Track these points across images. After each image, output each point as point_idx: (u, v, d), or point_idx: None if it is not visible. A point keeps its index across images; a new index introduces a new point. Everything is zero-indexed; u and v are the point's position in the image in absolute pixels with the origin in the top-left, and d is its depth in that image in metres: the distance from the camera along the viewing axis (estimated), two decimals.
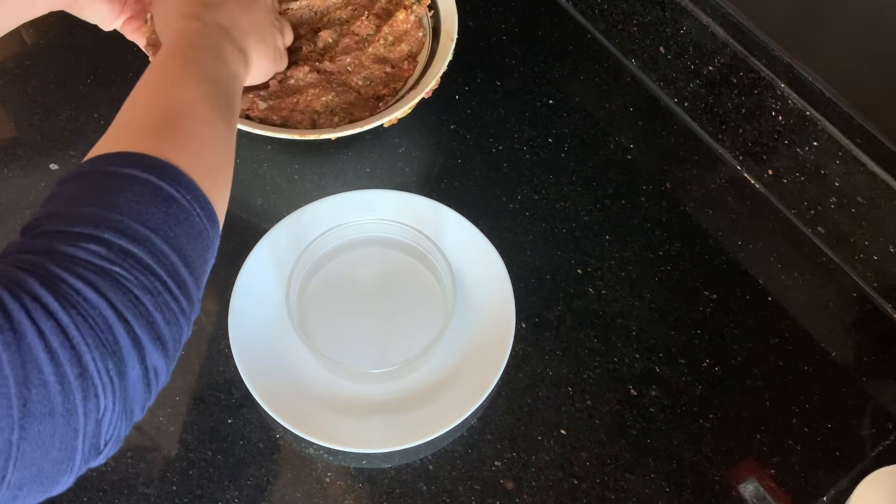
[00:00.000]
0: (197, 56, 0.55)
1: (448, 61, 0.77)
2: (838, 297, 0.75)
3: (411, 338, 0.69)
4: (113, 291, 0.40)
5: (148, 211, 0.43)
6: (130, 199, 0.43)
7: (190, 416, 0.66)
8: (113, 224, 0.41)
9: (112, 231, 0.41)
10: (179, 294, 0.43)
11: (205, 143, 0.50)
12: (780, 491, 0.65)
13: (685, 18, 0.78)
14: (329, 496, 0.64)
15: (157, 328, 0.41)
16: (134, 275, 0.41)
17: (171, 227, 0.43)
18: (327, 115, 0.76)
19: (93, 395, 0.38)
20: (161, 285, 0.42)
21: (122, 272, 0.40)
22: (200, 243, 0.46)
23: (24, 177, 0.77)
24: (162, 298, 0.42)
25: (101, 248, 0.40)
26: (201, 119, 0.51)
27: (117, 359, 0.39)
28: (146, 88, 0.52)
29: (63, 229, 0.41)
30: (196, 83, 0.53)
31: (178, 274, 0.43)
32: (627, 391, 0.69)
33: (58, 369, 0.37)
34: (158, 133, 0.47)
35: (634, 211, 0.78)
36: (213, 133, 0.51)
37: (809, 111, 0.72)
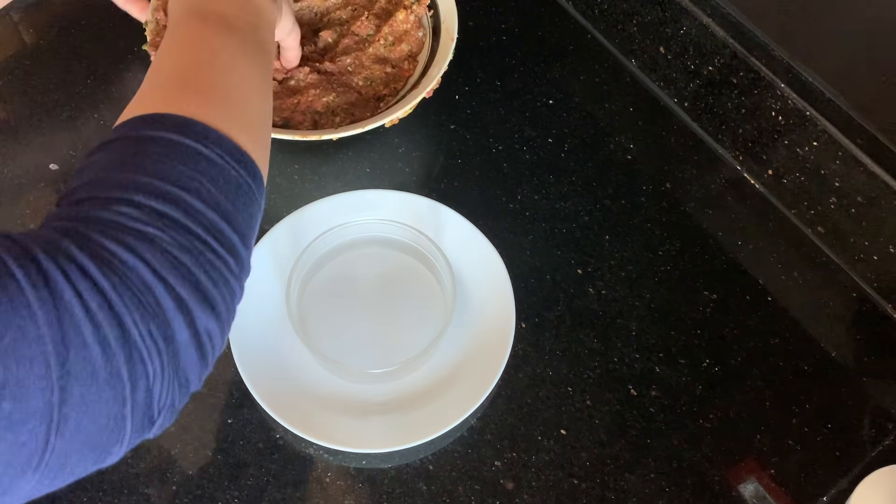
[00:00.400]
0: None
1: (449, 61, 0.77)
2: (838, 297, 0.75)
3: (411, 338, 0.69)
4: (150, 252, 0.38)
5: (176, 170, 0.41)
6: (156, 160, 0.41)
7: (190, 416, 0.66)
8: (141, 186, 0.40)
9: (142, 193, 0.39)
10: (223, 251, 0.41)
11: (234, 93, 0.48)
12: (780, 491, 0.65)
13: (685, 18, 0.78)
14: (329, 496, 0.64)
15: (202, 288, 0.39)
16: (170, 234, 0.39)
17: (202, 183, 0.41)
18: (328, 116, 0.76)
19: (138, 360, 0.36)
20: (201, 243, 0.40)
21: (157, 232, 0.38)
22: (241, 197, 0.43)
23: (25, 176, 0.77)
24: (204, 257, 0.40)
25: (133, 210, 0.39)
26: (228, 67, 0.49)
27: (160, 321, 0.37)
28: (170, 42, 0.50)
29: (94, 195, 0.40)
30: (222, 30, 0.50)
31: (219, 230, 0.41)
32: (627, 391, 0.69)
33: (98, 331, 0.35)
34: (183, 89, 0.46)
35: (634, 211, 0.78)
36: (242, 81, 0.49)
37: (809, 111, 0.72)
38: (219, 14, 0.52)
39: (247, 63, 0.51)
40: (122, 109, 0.72)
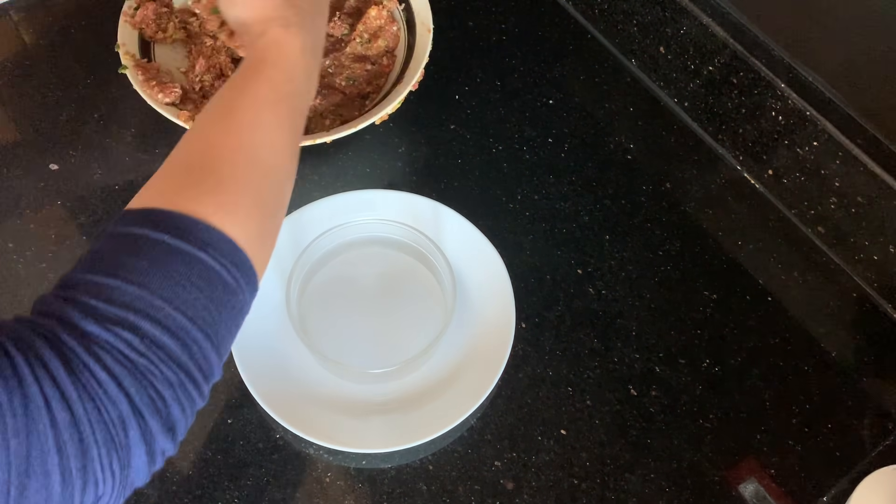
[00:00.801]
0: (274, 73, 0.51)
1: (429, 52, 0.77)
2: (838, 297, 0.75)
3: (411, 338, 0.69)
4: (135, 386, 0.39)
5: (191, 296, 0.41)
6: (176, 279, 0.41)
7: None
8: (153, 312, 0.40)
9: (149, 320, 0.40)
10: (202, 379, 0.42)
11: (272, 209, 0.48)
12: (780, 491, 0.65)
13: (685, 18, 0.78)
14: (329, 496, 0.64)
15: (171, 419, 0.41)
16: (160, 369, 0.40)
17: (210, 312, 0.42)
18: (318, 119, 0.76)
19: (91, 486, 0.38)
20: (186, 377, 0.41)
21: (149, 365, 0.40)
22: (238, 319, 0.45)
23: (24, 177, 0.77)
24: (184, 390, 0.41)
25: (134, 338, 0.40)
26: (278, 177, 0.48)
27: (124, 452, 0.39)
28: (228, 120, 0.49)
29: (98, 306, 0.40)
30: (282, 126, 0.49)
31: (208, 361, 0.42)
32: (627, 391, 0.69)
33: (62, 461, 0.37)
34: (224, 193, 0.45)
35: (634, 211, 0.78)
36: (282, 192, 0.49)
37: (809, 111, 0.72)
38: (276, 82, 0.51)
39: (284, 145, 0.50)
40: (121, 109, 0.73)
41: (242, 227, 0.45)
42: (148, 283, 0.41)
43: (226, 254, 0.43)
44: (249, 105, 0.49)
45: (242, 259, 0.44)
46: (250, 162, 0.47)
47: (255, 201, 0.46)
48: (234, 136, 0.48)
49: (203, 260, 0.42)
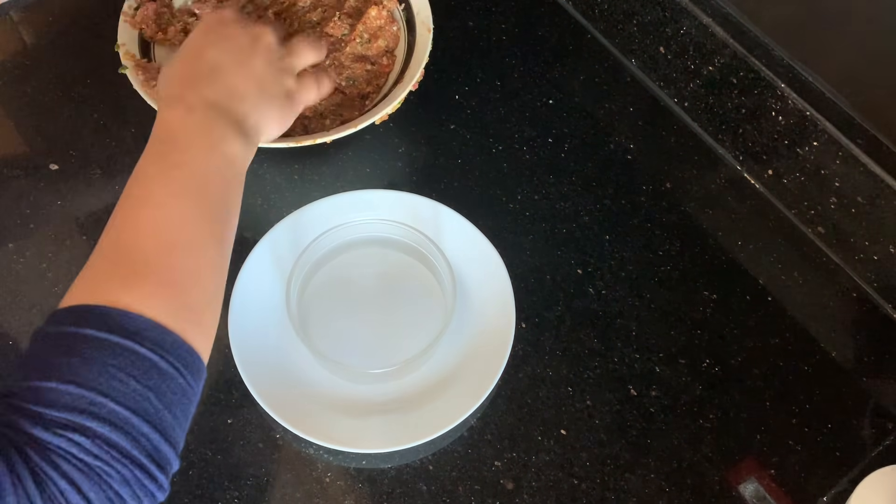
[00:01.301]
0: (180, 157, 0.51)
1: (429, 52, 0.77)
2: (838, 297, 0.75)
3: (411, 338, 0.69)
4: (94, 491, 0.40)
5: (129, 388, 0.42)
6: (111, 372, 0.42)
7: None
8: (94, 409, 0.41)
9: (94, 419, 0.41)
10: (159, 473, 0.43)
11: (193, 280, 0.48)
12: (780, 491, 0.65)
13: (685, 18, 0.78)
14: (329, 496, 0.64)
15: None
16: (115, 468, 0.41)
17: (151, 402, 0.43)
18: (318, 120, 0.76)
19: None
20: (141, 472, 0.42)
21: (104, 466, 0.41)
22: (184, 404, 0.45)
23: (24, 177, 0.78)
24: (140, 486, 0.42)
25: (84, 440, 0.40)
26: (190, 248, 0.49)
27: None
28: (126, 211, 0.49)
29: (42, 412, 0.40)
30: (181, 199, 0.50)
31: (160, 452, 0.43)
32: (627, 391, 0.69)
33: None
34: (140, 278, 0.46)
35: (634, 211, 0.78)
36: (202, 261, 0.49)
37: (809, 111, 0.72)
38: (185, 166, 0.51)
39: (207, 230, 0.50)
40: (121, 110, 0.72)
41: (166, 307, 0.45)
42: (82, 380, 0.41)
43: (155, 339, 0.44)
44: (139, 187, 0.50)
45: (174, 341, 0.44)
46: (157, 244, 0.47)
47: (171, 280, 0.46)
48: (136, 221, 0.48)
49: (132, 349, 0.43)
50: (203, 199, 0.51)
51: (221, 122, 0.54)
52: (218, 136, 0.54)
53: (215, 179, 0.52)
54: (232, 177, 0.54)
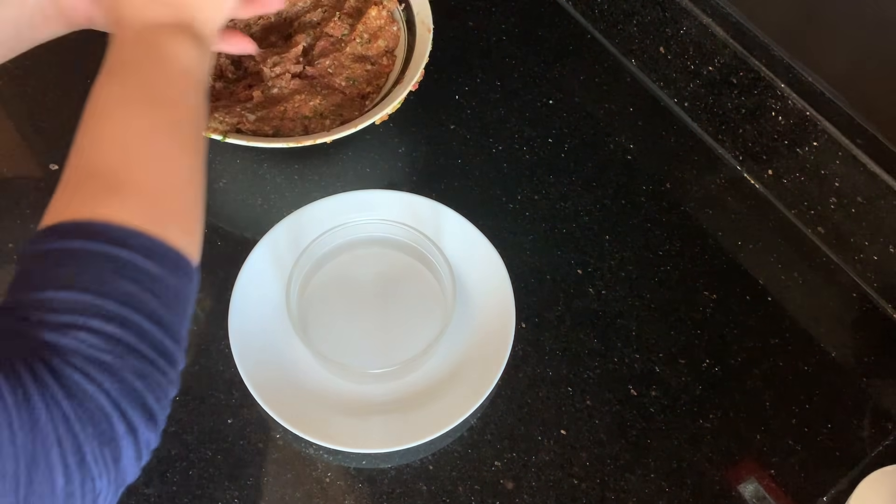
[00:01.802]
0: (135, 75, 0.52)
1: (429, 52, 0.77)
2: (838, 297, 0.75)
3: (411, 338, 0.69)
4: (109, 381, 0.41)
5: (126, 289, 0.43)
6: (107, 278, 0.43)
7: (190, 416, 0.66)
8: (99, 311, 0.42)
9: (100, 318, 0.42)
10: (167, 367, 0.44)
11: (169, 186, 0.49)
12: (780, 491, 0.65)
13: (685, 18, 0.78)
14: (329, 496, 0.64)
15: (149, 409, 0.43)
16: (126, 361, 0.42)
17: (148, 301, 0.44)
18: (318, 120, 0.76)
19: (89, 480, 0.40)
20: (150, 365, 0.43)
21: (115, 360, 0.42)
22: (180, 304, 0.46)
23: (25, 177, 0.78)
24: (153, 378, 0.43)
25: (92, 338, 0.41)
26: (160, 157, 0.50)
27: (114, 445, 0.41)
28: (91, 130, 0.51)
29: (51, 319, 0.41)
30: (142, 108, 0.51)
31: (164, 347, 0.44)
32: (627, 391, 0.69)
33: (63, 456, 0.39)
34: (116, 191, 0.47)
35: (634, 211, 0.78)
36: (175, 168, 0.50)
37: (809, 111, 0.72)
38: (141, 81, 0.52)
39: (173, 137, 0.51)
40: None
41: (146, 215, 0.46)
42: (80, 285, 0.42)
43: (141, 245, 0.45)
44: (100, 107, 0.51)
45: (160, 245, 0.46)
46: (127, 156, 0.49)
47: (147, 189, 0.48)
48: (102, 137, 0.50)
49: (121, 255, 0.44)
50: (165, 107, 0.52)
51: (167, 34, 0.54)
52: (168, 44, 0.54)
53: (174, 86, 0.53)
54: (192, 80, 0.55)
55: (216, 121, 0.72)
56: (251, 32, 0.83)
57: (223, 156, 0.79)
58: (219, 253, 0.74)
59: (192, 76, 0.55)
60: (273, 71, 0.77)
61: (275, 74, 0.77)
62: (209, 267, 0.73)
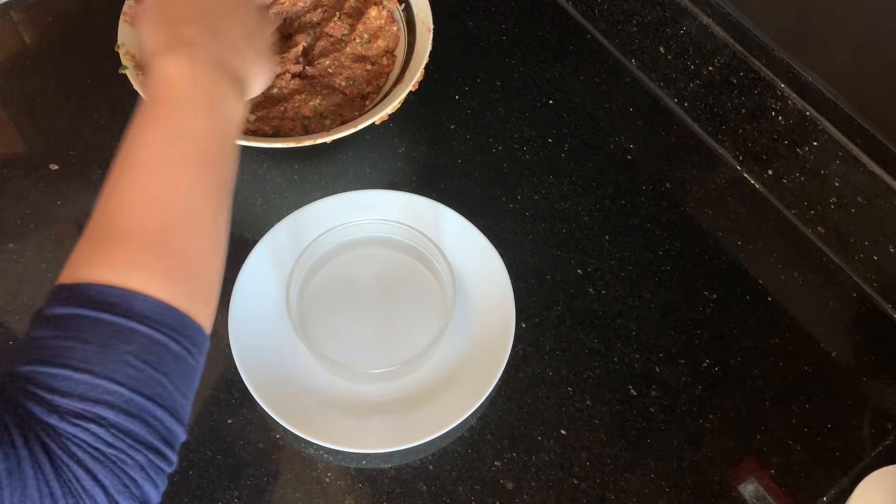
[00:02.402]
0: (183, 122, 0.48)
1: (429, 52, 0.77)
2: (838, 297, 0.75)
3: (411, 338, 0.69)
4: (109, 478, 0.41)
5: (144, 374, 0.42)
6: (126, 360, 0.42)
7: (190, 416, 0.66)
8: (110, 398, 0.41)
9: (110, 408, 0.41)
10: (169, 451, 0.43)
11: (200, 256, 0.47)
12: (780, 491, 0.65)
13: (685, 18, 0.78)
14: (329, 496, 0.64)
15: (144, 497, 0.42)
16: (130, 455, 0.41)
17: (164, 386, 0.43)
18: (318, 119, 0.76)
19: None
20: (155, 455, 0.42)
21: (119, 454, 0.41)
22: (192, 382, 0.45)
23: (24, 177, 0.78)
24: (154, 467, 0.42)
25: (100, 429, 0.40)
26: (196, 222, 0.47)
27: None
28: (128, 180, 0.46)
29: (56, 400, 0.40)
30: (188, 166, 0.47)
31: (172, 433, 0.43)
32: (627, 391, 0.69)
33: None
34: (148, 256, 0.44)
35: (634, 211, 0.78)
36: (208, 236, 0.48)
37: (809, 111, 0.72)
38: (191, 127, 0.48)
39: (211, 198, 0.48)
40: (121, 111, 0.72)
41: (174, 287, 0.44)
42: (98, 369, 0.41)
43: (164, 320, 0.43)
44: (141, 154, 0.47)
45: (180, 319, 0.44)
46: (164, 218, 0.45)
47: (180, 257, 0.45)
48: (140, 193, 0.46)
49: (146, 333, 0.42)
50: (207, 168, 0.48)
51: (222, 76, 0.50)
52: (219, 94, 0.50)
53: (218, 145, 0.50)
54: (231, 140, 0.51)
55: None
56: None
57: None
58: None
59: (234, 133, 0.52)
60: (273, 71, 0.77)
61: (275, 74, 0.77)
62: None
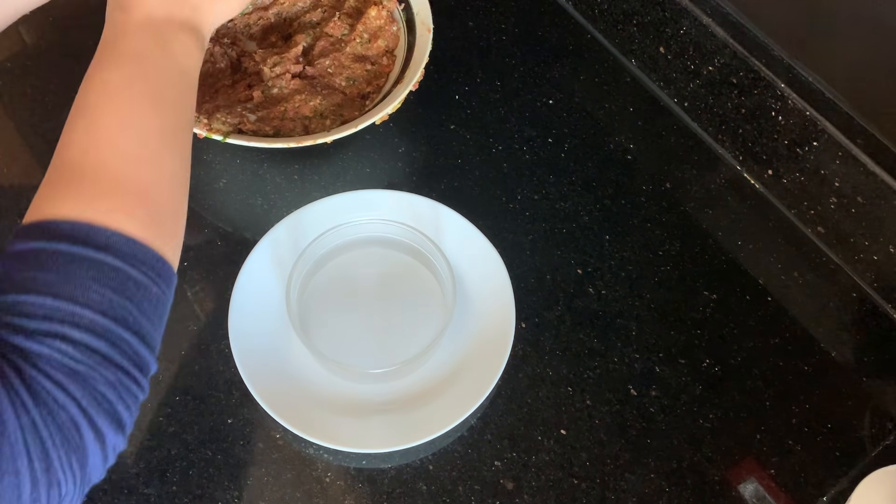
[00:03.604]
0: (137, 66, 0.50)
1: (429, 52, 0.77)
2: (838, 297, 0.75)
3: (411, 338, 0.69)
4: (80, 391, 0.41)
5: (106, 298, 0.43)
6: (88, 285, 0.42)
7: (190, 416, 0.66)
8: (75, 319, 0.42)
9: (75, 327, 0.42)
10: (139, 374, 0.44)
11: (158, 191, 0.48)
12: (780, 491, 0.65)
13: (685, 18, 0.78)
14: (329, 496, 0.64)
15: (118, 416, 0.43)
16: (99, 371, 0.42)
17: (129, 310, 0.44)
18: (318, 120, 0.76)
19: (55, 485, 0.40)
20: (124, 375, 0.43)
21: (88, 370, 0.42)
22: (159, 310, 0.46)
23: (24, 177, 0.78)
24: (124, 387, 0.43)
25: (67, 346, 0.41)
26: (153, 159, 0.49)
27: (81, 453, 0.41)
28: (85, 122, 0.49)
29: (25, 325, 0.41)
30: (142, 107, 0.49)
31: (139, 356, 0.44)
32: (627, 391, 0.69)
33: (30, 463, 0.39)
34: (107, 191, 0.46)
35: (634, 211, 0.78)
36: (166, 172, 0.49)
37: (809, 111, 0.72)
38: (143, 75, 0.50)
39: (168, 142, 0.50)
40: None
41: (133, 219, 0.45)
42: (61, 293, 0.42)
43: (125, 250, 0.44)
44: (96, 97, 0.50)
45: (144, 251, 0.45)
46: (121, 156, 0.47)
47: (137, 192, 0.47)
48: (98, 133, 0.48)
49: (106, 261, 0.43)
50: (163, 109, 0.50)
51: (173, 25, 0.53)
52: (174, 41, 0.52)
53: (174, 87, 0.52)
54: (189, 82, 0.53)
55: (218, 121, 0.72)
56: (251, 32, 0.83)
57: (223, 156, 0.79)
58: (219, 253, 0.74)
59: (191, 78, 0.54)
60: (273, 71, 0.77)
61: (275, 74, 0.77)
62: (209, 267, 0.73)
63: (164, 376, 0.68)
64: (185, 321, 0.71)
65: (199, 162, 0.79)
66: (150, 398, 0.67)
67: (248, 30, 0.83)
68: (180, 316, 0.71)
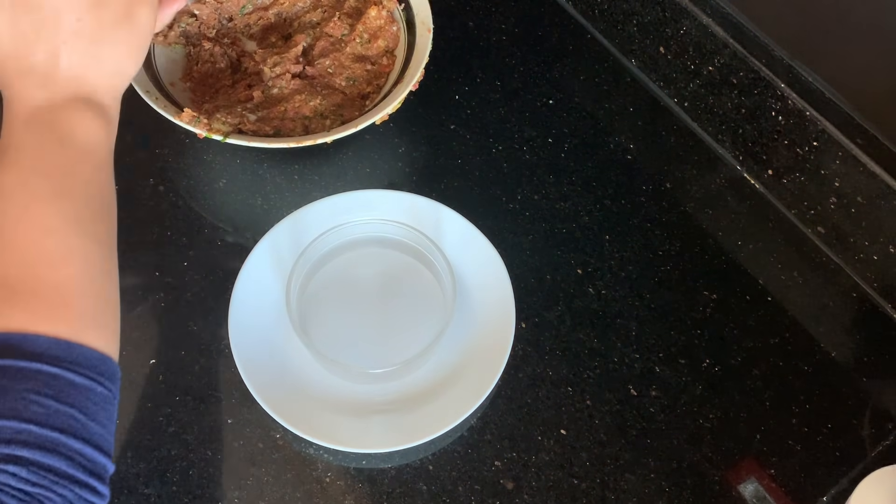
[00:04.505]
0: (33, 161, 0.47)
1: (429, 52, 0.77)
2: (838, 297, 0.75)
3: (411, 338, 0.69)
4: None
5: (49, 410, 0.41)
6: (28, 398, 0.41)
7: (190, 416, 0.66)
8: (22, 437, 0.40)
9: (23, 445, 0.40)
10: (97, 483, 0.43)
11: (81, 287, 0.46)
12: (780, 491, 0.65)
13: (685, 18, 0.78)
14: (329, 496, 0.64)
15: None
16: (55, 491, 0.40)
17: (76, 417, 0.42)
18: (318, 120, 0.76)
19: None
20: (81, 487, 0.42)
21: (44, 492, 0.40)
22: (107, 409, 0.45)
23: None
24: (82, 500, 0.42)
25: (19, 469, 0.40)
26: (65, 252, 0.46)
27: None
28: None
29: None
30: (42, 202, 0.46)
31: (94, 462, 0.43)
32: (627, 391, 0.69)
33: None
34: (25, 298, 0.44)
35: (634, 211, 0.78)
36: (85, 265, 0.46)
37: (809, 111, 0.72)
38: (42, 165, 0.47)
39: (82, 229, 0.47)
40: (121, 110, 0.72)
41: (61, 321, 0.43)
42: (2, 410, 0.40)
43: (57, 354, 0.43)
44: (9, 205, 0.46)
45: (80, 352, 0.43)
46: (21, 258, 0.45)
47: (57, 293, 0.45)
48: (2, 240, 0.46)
49: (41, 370, 0.42)
50: (70, 199, 0.47)
51: (62, 105, 0.48)
52: (67, 123, 0.48)
53: (78, 173, 0.48)
54: (97, 161, 0.49)
55: (218, 121, 0.72)
56: (251, 33, 0.83)
57: (223, 156, 0.80)
58: (219, 253, 0.74)
59: (98, 154, 0.50)
60: (273, 71, 0.77)
61: (275, 74, 0.77)
62: (209, 267, 0.73)
63: (164, 376, 0.68)
64: (185, 321, 0.71)
65: (199, 162, 0.79)
66: (151, 398, 0.67)
67: (248, 30, 0.83)
68: (180, 316, 0.71)
